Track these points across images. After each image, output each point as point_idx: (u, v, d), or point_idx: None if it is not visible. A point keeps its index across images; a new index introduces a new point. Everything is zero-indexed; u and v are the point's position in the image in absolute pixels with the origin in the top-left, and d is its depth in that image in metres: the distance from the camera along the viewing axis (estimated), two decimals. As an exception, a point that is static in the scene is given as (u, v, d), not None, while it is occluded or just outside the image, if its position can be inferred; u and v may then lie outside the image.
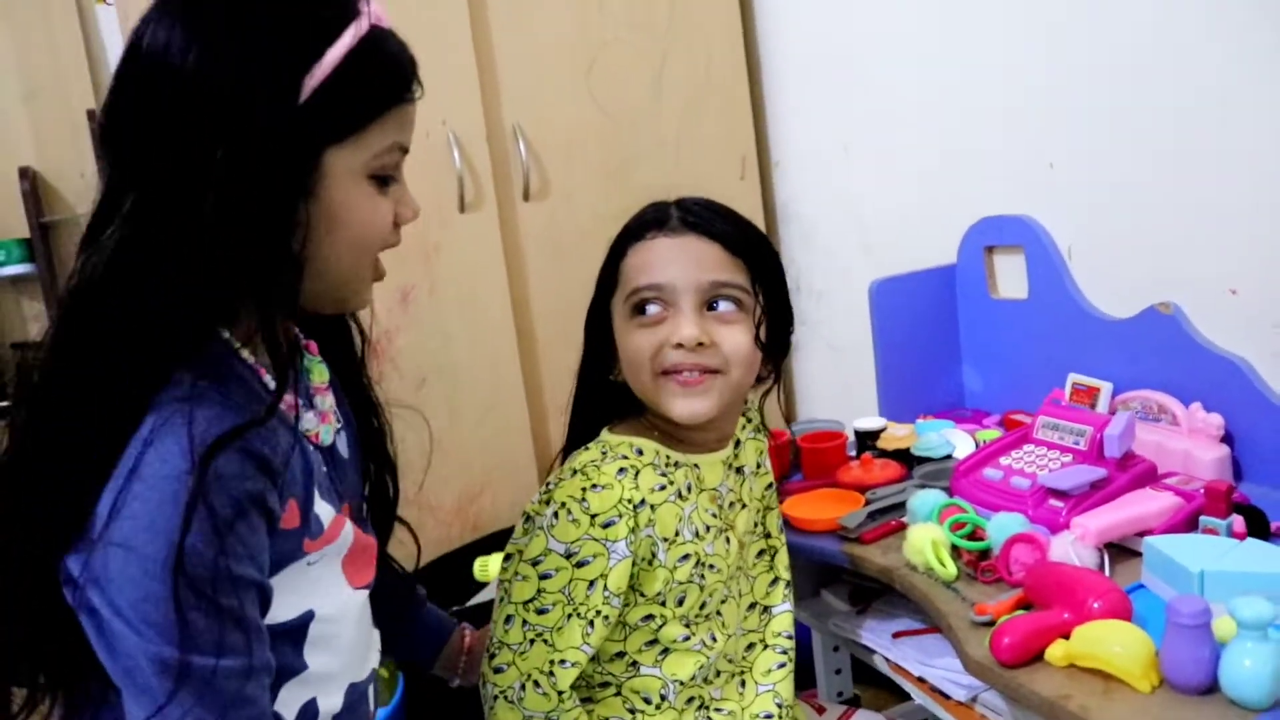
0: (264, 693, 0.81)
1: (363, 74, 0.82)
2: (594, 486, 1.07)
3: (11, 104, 2.38)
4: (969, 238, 1.77)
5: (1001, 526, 1.23)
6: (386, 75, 0.84)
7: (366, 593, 0.99)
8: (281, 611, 0.87)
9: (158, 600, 0.74)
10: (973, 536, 1.27)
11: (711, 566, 1.15)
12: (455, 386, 2.09)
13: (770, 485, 1.30)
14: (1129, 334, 1.51)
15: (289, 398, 0.88)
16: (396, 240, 0.91)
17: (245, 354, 0.86)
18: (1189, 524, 1.19)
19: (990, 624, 1.09)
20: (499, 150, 2.06)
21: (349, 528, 0.93)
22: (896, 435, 1.60)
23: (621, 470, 1.09)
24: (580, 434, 1.20)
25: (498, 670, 1.09)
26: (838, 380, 2.25)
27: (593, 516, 1.06)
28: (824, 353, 2.28)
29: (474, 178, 2.03)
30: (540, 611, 1.06)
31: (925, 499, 1.35)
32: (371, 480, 1.06)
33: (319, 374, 0.98)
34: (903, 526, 1.36)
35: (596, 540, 1.06)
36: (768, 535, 1.28)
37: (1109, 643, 0.96)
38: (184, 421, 0.76)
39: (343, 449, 1.00)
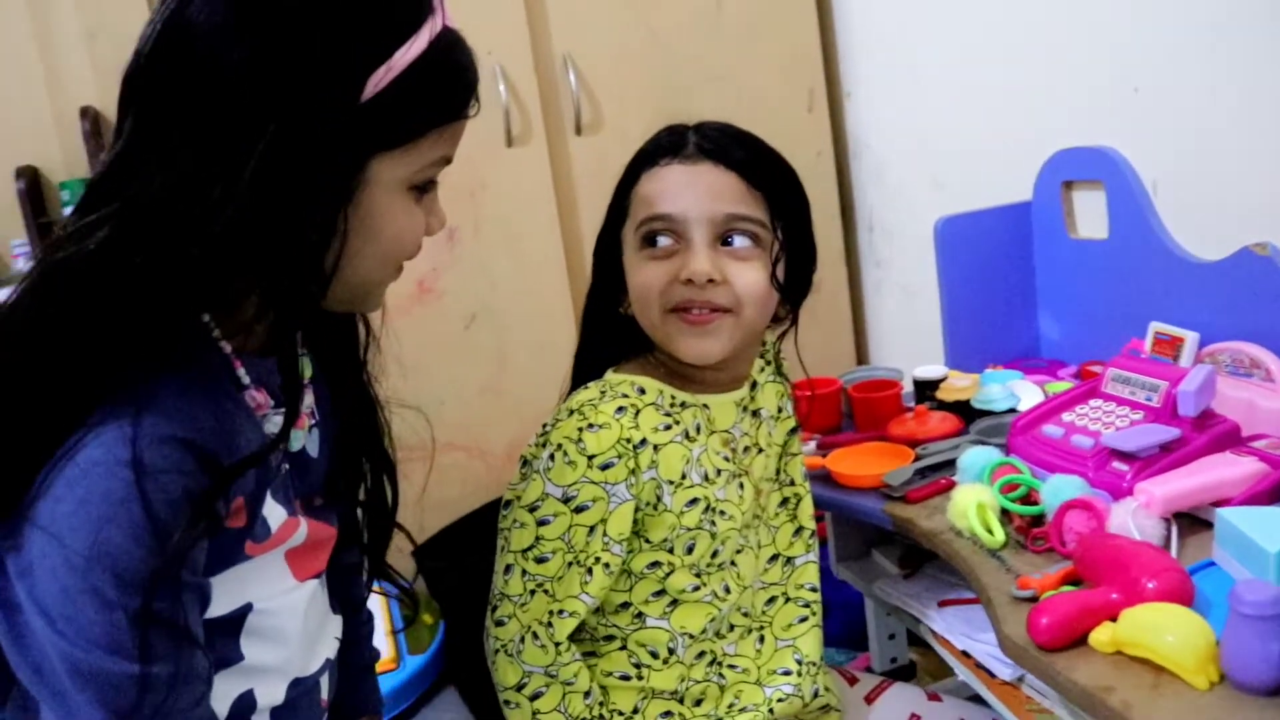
0: (195, 706, 0.74)
1: (428, 83, 0.74)
2: (590, 426, 1.00)
3: (73, 43, 2.36)
4: (1045, 172, 1.62)
5: (1056, 490, 1.11)
6: (452, 88, 0.77)
7: (316, 582, 0.92)
8: (218, 605, 0.81)
9: (78, 595, 0.68)
10: (1027, 500, 1.16)
11: (723, 513, 1.07)
12: (504, 328, 2.03)
13: (794, 430, 1.21)
14: (1219, 278, 1.35)
15: (258, 396, 0.81)
16: (418, 250, 0.83)
17: (224, 344, 0.79)
18: (1275, 495, 1.05)
19: (1033, 600, 0.98)
20: (548, 82, 1.97)
21: (303, 527, 0.87)
22: (957, 386, 1.47)
23: (620, 409, 1.02)
24: (585, 372, 1.12)
25: (499, 623, 1.03)
26: (910, 324, 2.12)
27: (590, 458, 0.99)
28: (897, 295, 2.15)
29: (521, 111, 1.95)
30: (540, 560, 1.01)
31: (976, 456, 1.23)
32: (367, 482, 0.98)
33: (305, 369, 0.90)
34: (952, 486, 1.25)
35: (595, 483, 0.99)
36: (790, 482, 1.19)
37: (1161, 630, 0.84)
38: (132, 410, 0.70)
39: (312, 449, 0.92)
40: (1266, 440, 1.17)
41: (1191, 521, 1.07)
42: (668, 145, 1.05)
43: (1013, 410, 1.41)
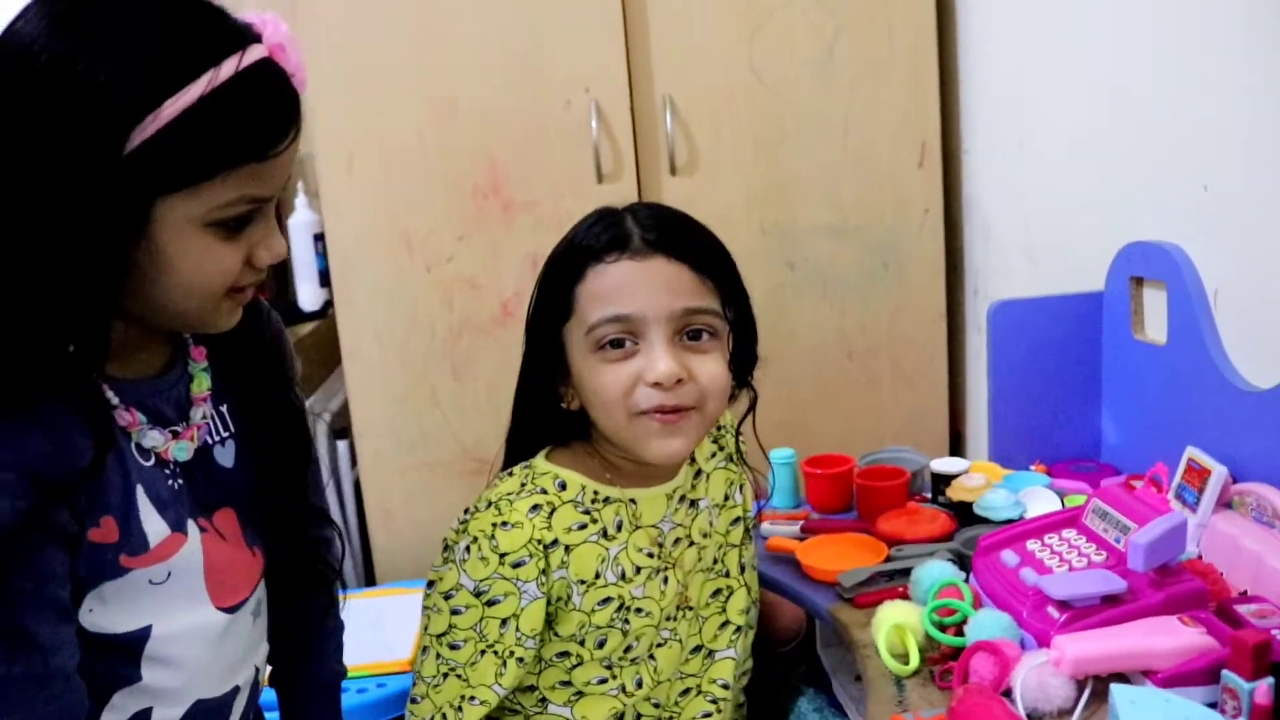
0: (47, 703, 0.81)
1: (203, 130, 0.77)
2: (504, 524, 1.02)
3: (254, 47, 2.58)
4: (1117, 263, 1.49)
5: (978, 626, 1.05)
6: (233, 134, 0.79)
7: (235, 614, 0.98)
8: (115, 622, 0.88)
9: None
10: (960, 628, 1.09)
11: (639, 610, 1.07)
12: (578, 358, 2.07)
13: (737, 520, 1.19)
14: (1266, 408, 1.21)
15: (127, 415, 0.88)
16: (253, 279, 0.88)
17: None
18: (1210, 675, 0.94)
19: (894, 744, 0.93)
20: (645, 120, 1.98)
21: (192, 545, 0.92)
22: (967, 485, 1.39)
23: (535, 507, 1.03)
24: (516, 455, 1.14)
25: (414, 700, 1.07)
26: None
27: (501, 555, 1.01)
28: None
29: (614, 148, 1.97)
30: (453, 646, 1.03)
31: (929, 571, 1.17)
32: (278, 490, 1.03)
33: (199, 383, 0.96)
34: (904, 596, 1.19)
35: (506, 579, 1.01)
36: (726, 574, 1.17)
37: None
38: None
39: (225, 460, 0.98)
40: (1257, 606, 1.04)
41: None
42: (612, 239, 1.03)
43: (1011, 521, 1.32)
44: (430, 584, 1.06)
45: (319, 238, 2.36)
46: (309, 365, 2.28)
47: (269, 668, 1.16)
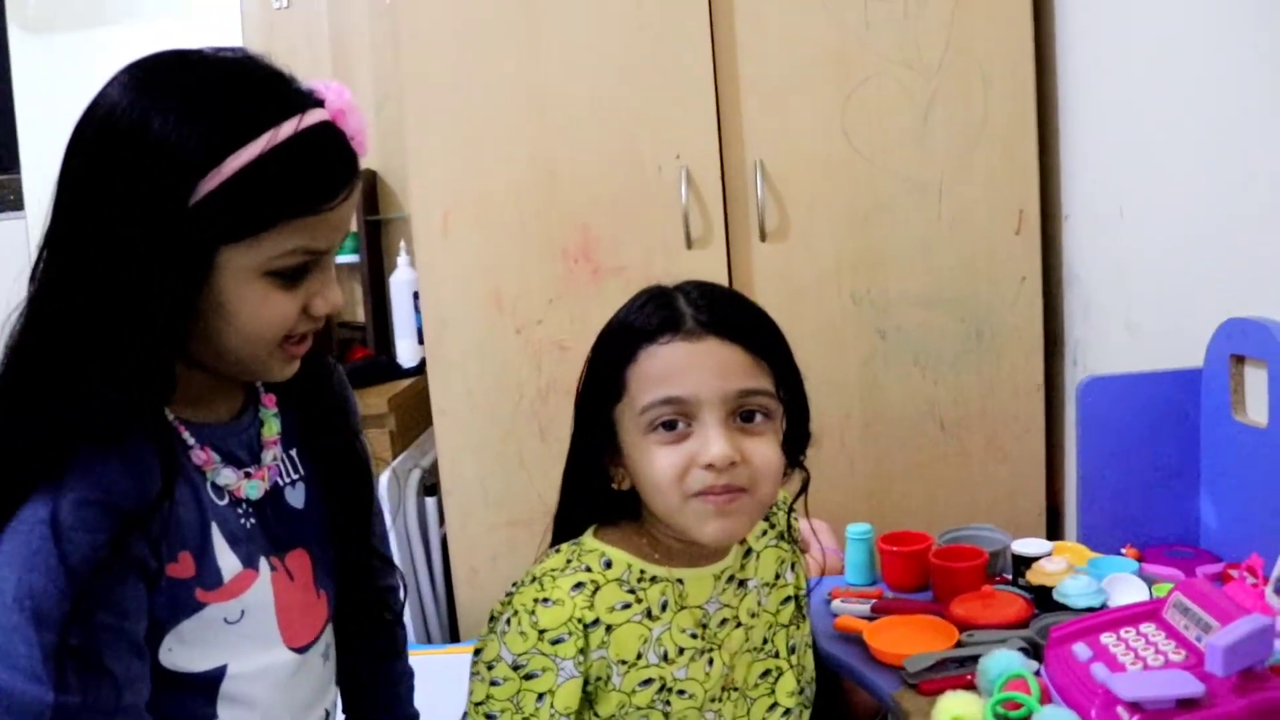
0: None
1: (263, 183, 0.84)
2: (545, 600, 1.02)
3: (367, 111, 2.69)
4: (1217, 339, 1.42)
5: (1042, 724, 0.99)
6: (291, 188, 0.85)
7: (305, 655, 1.01)
8: (193, 661, 0.93)
9: (9, 630, 0.81)
10: (1026, 724, 1.04)
11: (682, 692, 1.05)
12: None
13: (788, 599, 1.16)
14: (1373, 502, 1.13)
15: (202, 454, 0.94)
16: (309, 327, 0.93)
17: (166, 412, 0.92)
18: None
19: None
20: (735, 186, 1.99)
21: (263, 583, 0.97)
22: (1046, 569, 1.33)
23: (578, 585, 1.03)
24: (564, 532, 1.14)
25: None
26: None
27: (541, 632, 1.01)
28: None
29: (704, 214, 1.98)
30: (489, 717, 1.03)
31: (997, 661, 1.12)
32: (345, 534, 1.08)
33: (269, 428, 1.02)
34: (970, 685, 1.14)
35: (544, 655, 1.01)
36: (775, 654, 1.14)
37: None
38: (56, 480, 0.83)
39: (295, 501, 1.04)
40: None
41: (1190, 798, 0.92)
42: (664, 320, 1.02)
43: (1092, 610, 1.25)
44: (476, 651, 1.06)
45: (418, 296, 2.42)
46: (405, 421, 2.34)
47: (342, 717, 1.19)
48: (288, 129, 0.84)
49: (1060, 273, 2.02)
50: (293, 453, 1.05)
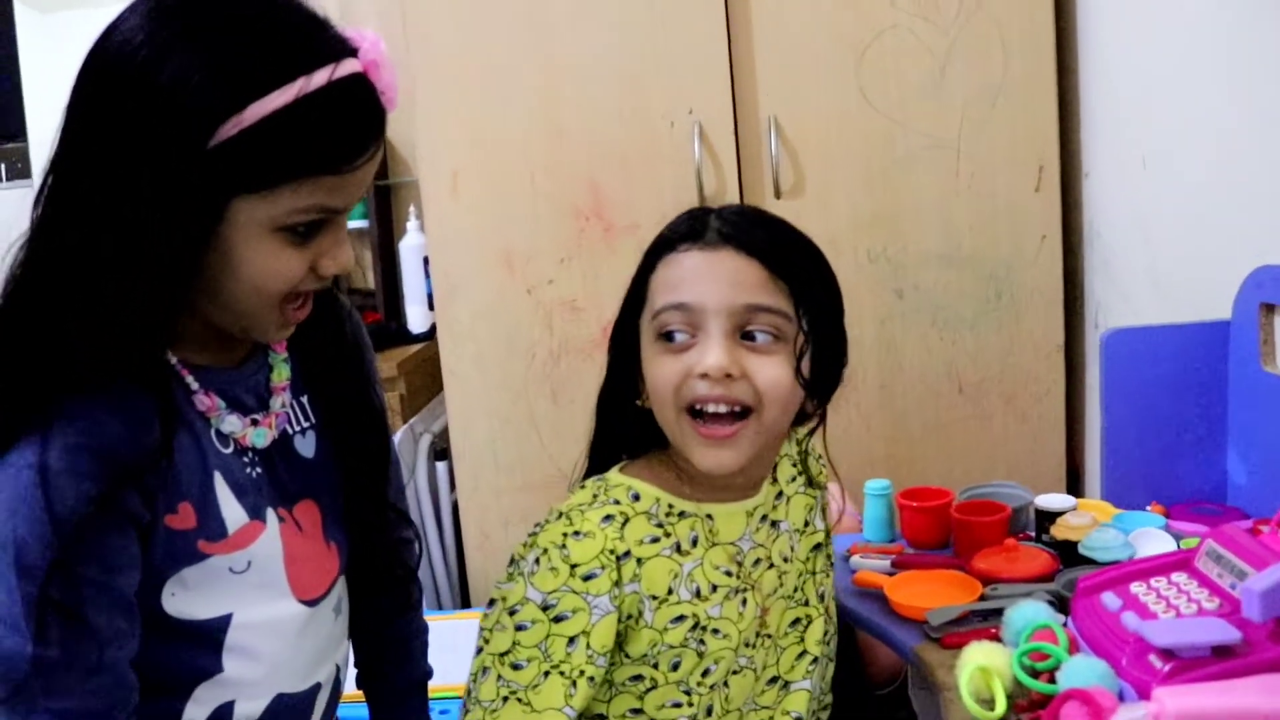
0: (87, 693, 0.82)
1: (287, 135, 0.79)
2: (576, 534, 0.99)
3: (374, 76, 2.65)
4: (1245, 289, 1.38)
5: (1072, 673, 0.96)
6: (315, 144, 0.80)
7: (316, 608, 0.99)
8: (196, 608, 0.90)
9: None
10: (1053, 675, 1.01)
11: (716, 631, 1.02)
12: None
13: (818, 546, 1.13)
14: None
15: (205, 400, 0.90)
16: (314, 285, 0.90)
17: (169, 355, 0.88)
18: (1332, 737, 0.85)
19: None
20: (750, 143, 1.95)
21: (271, 534, 0.94)
22: (1071, 524, 1.30)
23: (608, 518, 1.00)
24: (598, 463, 1.11)
25: None
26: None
27: (573, 567, 0.97)
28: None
29: (717, 171, 1.95)
30: (515, 667, 0.97)
31: (1025, 612, 1.09)
32: (358, 485, 1.05)
33: (279, 373, 0.98)
34: (995, 638, 1.11)
35: (576, 593, 0.97)
36: (805, 603, 1.11)
37: None
38: (45, 423, 0.80)
39: (305, 450, 1.01)
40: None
41: (1226, 746, 0.89)
42: (687, 231, 1.01)
43: (1119, 563, 1.22)
44: (492, 603, 1.03)
45: (428, 260, 2.39)
46: (415, 386, 2.32)
47: (354, 670, 1.17)
48: (319, 78, 0.79)
49: (1081, 231, 1.98)
50: (303, 399, 1.02)
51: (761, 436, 1.00)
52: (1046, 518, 1.35)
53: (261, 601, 0.94)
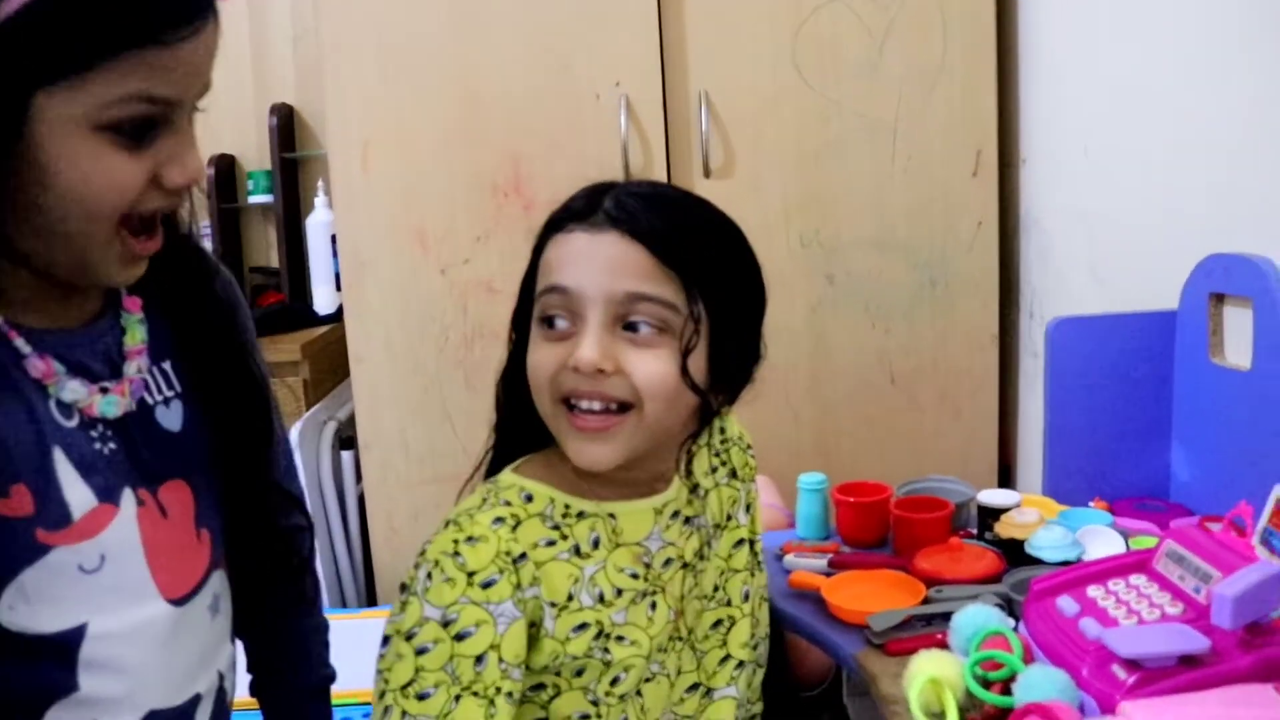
0: None
1: (80, 5, 0.66)
2: (469, 539, 0.88)
3: (281, 44, 2.51)
4: (1193, 279, 1.34)
5: (1029, 685, 0.89)
6: (117, 10, 0.67)
7: (186, 607, 0.86)
8: (41, 621, 0.77)
9: None
10: (1007, 685, 0.93)
11: (621, 639, 0.92)
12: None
13: (741, 542, 1.04)
14: (1371, 445, 1.05)
15: (40, 364, 0.76)
16: (163, 204, 0.76)
17: None
18: (1309, 753, 0.79)
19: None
20: (679, 119, 1.86)
21: (125, 519, 0.80)
22: (1016, 521, 1.24)
23: (498, 519, 0.90)
24: (502, 455, 1.01)
25: None
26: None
27: (470, 574, 0.86)
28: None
29: (644, 146, 1.85)
30: (421, 697, 0.85)
31: (973, 616, 1.01)
32: (234, 463, 0.91)
33: (133, 335, 0.84)
34: (942, 644, 1.04)
35: (476, 604, 0.86)
36: (728, 603, 1.02)
37: None
38: None
39: (170, 423, 0.87)
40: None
41: (1195, 764, 0.82)
42: (578, 210, 0.91)
43: (1068, 564, 1.16)
44: (386, 639, 0.91)
45: (336, 239, 2.26)
46: (320, 371, 2.18)
47: (249, 677, 1.05)
48: None
49: (1016, 219, 1.93)
50: (165, 365, 0.88)
51: (643, 433, 0.90)
52: (990, 514, 1.28)
53: (121, 605, 0.80)
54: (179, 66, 0.71)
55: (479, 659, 0.86)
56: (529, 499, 0.93)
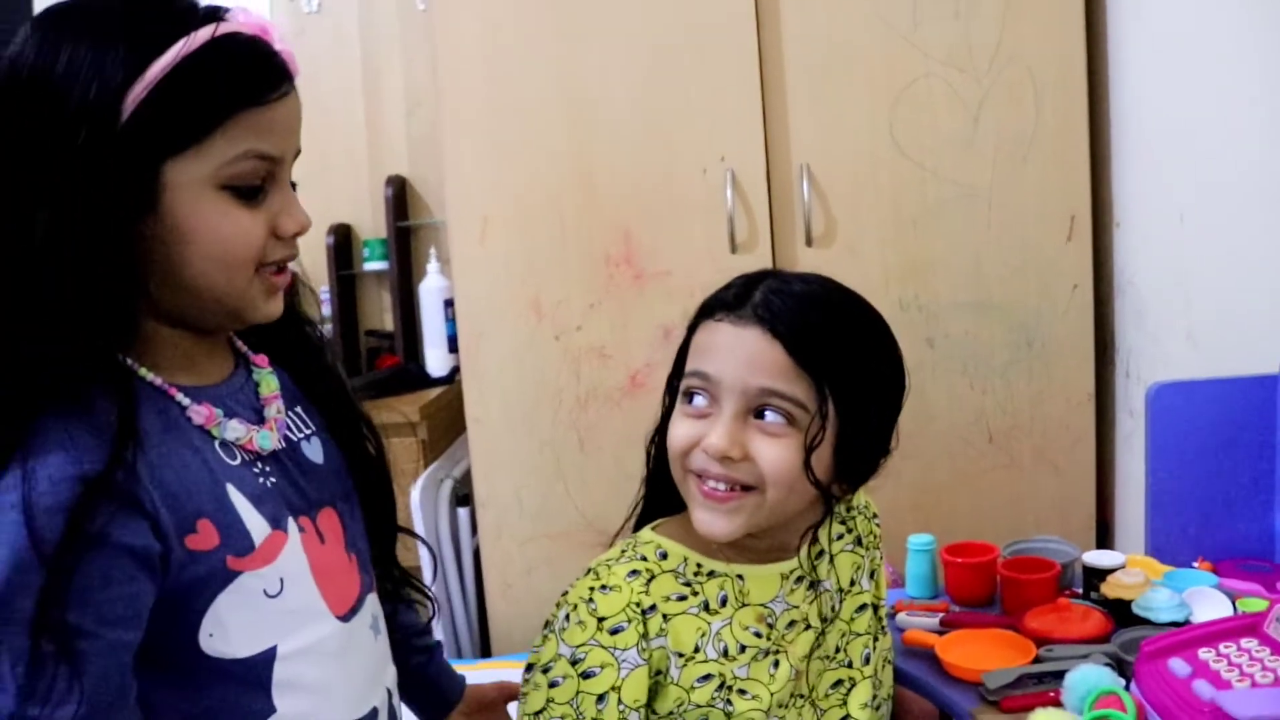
0: None
1: (195, 80, 0.79)
2: (603, 588, 0.99)
3: (395, 118, 2.66)
4: (1295, 344, 1.38)
5: (1144, 744, 0.94)
6: (224, 81, 0.80)
7: (351, 624, 0.94)
8: (237, 645, 0.85)
9: None
10: (1121, 744, 0.98)
11: (744, 692, 1.00)
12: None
13: (864, 607, 1.11)
14: None
15: (201, 410, 0.86)
16: (286, 253, 0.88)
17: (147, 373, 0.85)
18: None
19: None
20: (781, 190, 1.95)
21: (294, 545, 0.89)
22: (1125, 581, 1.28)
23: (633, 572, 1.00)
24: (649, 509, 1.11)
25: None
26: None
27: (600, 620, 0.97)
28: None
29: (750, 218, 1.94)
30: None
31: (1086, 676, 1.07)
32: (369, 488, 1.02)
33: (267, 385, 0.95)
34: (1055, 702, 1.09)
35: (603, 648, 0.96)
36: (849, 664, 1.09)
37: None
38: (27, 447, 0.75)
39: (314, 455, 0.97)
40: None
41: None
42: (729, 300, 1.01)
43: (1176, 625, 1.20)
44: (529, 667, 1.01)
45: (449, 303, 2.38)
46: (436, 431, 2.29)
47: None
48: (204, 32, 0.79)
49: (1112, 281, 1.97)
50: (297, 409, 0.99)
51: (764, 513, 1.00)
52: (1095, 574, 1.33)
53: (300, 626, 0.89)
54: (276, 126, 0.84)
55: (600, 698, 0.95)
56: (664, 556, 1.02)
